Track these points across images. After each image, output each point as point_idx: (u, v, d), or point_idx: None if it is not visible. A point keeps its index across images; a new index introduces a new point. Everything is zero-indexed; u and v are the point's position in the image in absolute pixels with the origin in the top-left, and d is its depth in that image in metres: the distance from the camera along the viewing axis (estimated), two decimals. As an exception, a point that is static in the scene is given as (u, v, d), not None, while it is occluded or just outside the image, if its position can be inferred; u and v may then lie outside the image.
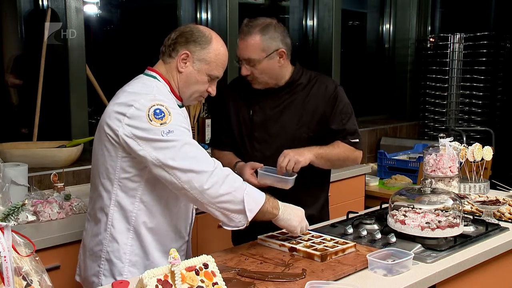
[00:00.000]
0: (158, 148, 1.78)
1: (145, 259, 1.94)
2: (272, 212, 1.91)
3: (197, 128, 3.74)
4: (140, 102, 1.82)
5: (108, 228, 1.92)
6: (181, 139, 1.81)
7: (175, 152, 1.78)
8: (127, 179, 1.89)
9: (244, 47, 2.29)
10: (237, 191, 1.81)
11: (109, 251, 1.92)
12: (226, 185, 1.80)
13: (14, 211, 1.35)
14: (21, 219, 1.52)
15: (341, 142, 2.37)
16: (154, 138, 1.78)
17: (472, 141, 3.54)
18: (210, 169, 1.79)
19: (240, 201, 1.81)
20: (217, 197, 1.79)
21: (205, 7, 4.14)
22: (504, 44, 5.33)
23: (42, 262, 1.44)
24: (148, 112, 1.79)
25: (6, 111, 3.42)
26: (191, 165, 1.78)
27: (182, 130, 1.84)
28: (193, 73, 1.96)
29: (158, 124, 1.78)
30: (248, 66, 2.30)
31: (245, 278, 1.72)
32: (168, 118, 1.80)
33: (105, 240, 1.93)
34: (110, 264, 1.93)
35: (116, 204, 1.91)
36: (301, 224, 1.98)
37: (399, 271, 1.80)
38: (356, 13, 5.65)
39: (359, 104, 5.19)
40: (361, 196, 4.00)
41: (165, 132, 1.78)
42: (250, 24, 2.28)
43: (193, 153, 1.81)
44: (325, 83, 2.40)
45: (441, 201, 2.16)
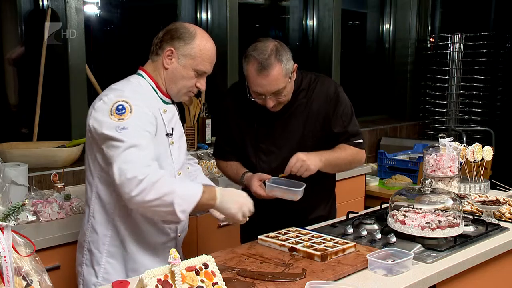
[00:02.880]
0: (110, 146, 1.84)
1: (123, 250, 1.99)
2: (209, 203, 1.91)
3: (197, 128, 3.74)
4: (108, 97, 1.89)
5: (90, 220, 2.00)
6: (129, 140, 1.82)
7: (118, 153, 1.81)
8: (102, 171, 1.94)
9: (268, 82, 2.13)
10: (166, 196, 1.80)
11: (89, 241, 2.00)
12: (153, 192, 1.78)
13: (14, 211, 1.35)
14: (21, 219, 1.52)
15: (346, 145, 2.35)
16: (109, 135, 1.83)
17: (472, 141, 3.55)
18: (140, 177, 1.78)
19: (169, 204, 1.81)
20: (145, 203, 1.80)
21: (205, 7, 4.14)
22: (504, 44, 5.33)
23: (42, 262, 1.45)
24: (112, 106, 1.86)
25: (6, 111, 3.42)
26: (125, 170, 1.79)
27: (138, 130, 1.85)
28: (178, 69, 1.99)
29: (116, 119, 1.84)
30: (274, 97, 2.19)
31: (245, 278, 1.72)
32: (128, 115, 1.84)
33: (87, 231, 2.01)
34: (90, 254, 2.00)
35: (97, 196, 1.97)
36: (242, 209, 1.95)
37: (399, 271, 1.80)
38: (356, 13, 5.65)
39: (359, 104, 5.18)
40: (361, 196, 4.00)
41: (119, 127, 1.82)
42: (261, 56, 2.11)
43: (133, 157, 1.81)
44: (325, 85, 2.36)
45: (441, 201, 2.16)
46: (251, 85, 2.18)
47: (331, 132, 2.34)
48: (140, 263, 1.99)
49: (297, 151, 2.29)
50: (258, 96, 2.19)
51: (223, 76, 4.04)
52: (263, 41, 2.18)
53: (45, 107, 3.23)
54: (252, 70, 2.13)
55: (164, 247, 2.05)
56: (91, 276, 1.99)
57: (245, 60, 2.17)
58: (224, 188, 2.00)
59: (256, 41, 2.20)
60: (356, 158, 2.39)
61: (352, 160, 2.37)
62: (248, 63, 2.15)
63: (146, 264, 1.98)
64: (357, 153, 2.37)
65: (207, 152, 3.56)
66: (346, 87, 2.48)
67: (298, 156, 2.19)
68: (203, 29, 2.07)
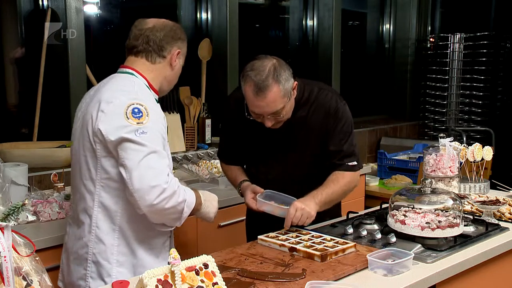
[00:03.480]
0: (128, 149, 1.80)
1: (132, 257, 1.95)
2: (197, 208, 2.00)
3: (197, 128, 3.74)
4: (120, 99, 1.85)
5: (92, 230, 1.92)
6: (150, 145, 1.81)
7: (139, 159, 1.79)
8: (109, 179, 1.89)
9: (265, 104, 2.06)
10: (179, 204, 1.87)
11: (95, 253, 1.92)
12: (172, 201, 1.83)
13: (14, 211, 1.35)
14: (21, 219, 1.51)
15: (339, 173, 2.24)
16: (128, 138, 1.80)
17: (472, 141, 3.55)
18: (164, 186, 1.80)
19: (180, 211, 1.89)
20: (164, 210, 1.83)
21: (205, 7, 4.14)
22: (504, 44, 5.32)
23: (42, 262, 1.44)
24: (126, 110, 1.82)
25: (6, 111, 3.42)
26: (147, 177, 1.79)
27: (156, 135, 1.85)
28: (179, 67, 2.07)
29: (135, 122, 1.81)
30: (272, 117, 2.12)
31: (245, 278, 1.72)
32: (146, 118, 1.83)
33: (90, 242, 1.92)
34: (97, 266, 1.92)
35: (100, 205, 1.91)
36: (215, 212, 2.10)
37: (399, 271, 1.80)
38: (356, 13, 5.65)
39: (359, 104, 5.20)
40: (361, 196, 3.99)
41: (139, 131, 1.80)
42: (258, 77, 2.03)
43: (155, 164, 1.81)
44: (327, 99, 2.26)
45: (441, 201, 2.16)
46: (249, 105, 2.12)
47: (326, 149, 2.26)
48: (147, 265, 1.96)
49: (294, 166, 2.28)
50: (257, 116, 2.14)
51: (223, 76, 4.04)
52: (261, 59, 2.09)
53: (45, 107, 3.23)
54: (249, 91, 2.06)
55: (163, 246, 2.06)
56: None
57: (243, 80, 2.09)
58: (202, 192, 2.07)
59: (254, 58, 2.12)
60: (350, 186, 2.30)
61: (346, 189, 2.29)
62: (245, 83, 2.07)
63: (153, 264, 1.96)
64: (351, 179, 2.27)
65: (207, 152, 3.56)
66: (346, 87, 2.47)
67: (296, 205, 2.11)
68: None
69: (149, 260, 1.98)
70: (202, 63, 3.82)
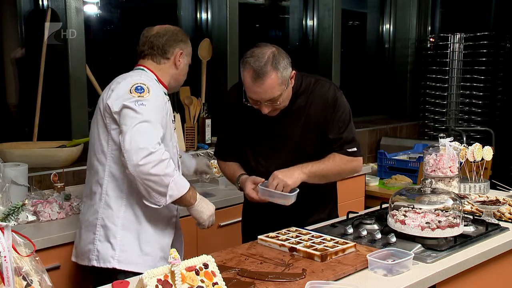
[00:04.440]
0: (126, 116, 2.01)
1: (137, 224, 2.13)
2: (190, 201, 2.12)
3: (197, 128, 3.74)
4: (127, 80, 2.11)
5: (103, 197, 2.13)
6: (146, 115, 2.00)
7: (133, 124, 1.98)
8: (118, 150, 2.08)
9: (262, 90, 2.10)
10: (166, 176, 1.99)
11: (103, 217, 2.12)
12: (158, 168, 1.96)
13: (14, 211, 1.35)
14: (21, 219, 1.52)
15: (337, 154, 2.28)
16: (128, 105, 2.01)
17: (472, 141, 3.55)
18: (152, 149, 1.95)
19: (165, 186, 2.00)
20: (147, 175, 1.96)
21: (205, 7, 4.14)
22: (504, 44, 5.33)
23: (42, 262, 1.45)
24: (131, 87, 2.06)
25: (6, 111, 3.42)
26: (137, 139, 1.96)
27: (154, 109, 2.05)
28: (184, 66, 2.28)
29: (136, 96, 2.03)
30: (269, 104, 2.16)
31: (245, 278, 1.72)
32: (147, 94, 2.05)
33: (100, 208, 2.13)
34: (105, 229, 2.12)
35: (110, 175, 2.12)
36: (210, 219, 2.21)
37: (399, 271, 1.80)
38: (356, 13, 5.65)
39: (359, 104, 5.20)
40: (361, 196, 4.00)
41: (138, 102, 2.01)
42: (257, 64, 2.08)
43: (145, 130, 1.99)
44: (324, 89, 2.30)
45: (441, 201, 2.16)
46: (247, 91, 2.16)
47: (326, 138, 2.29)
48: (151, 235, 2.16)
49: (294, 156, 2.28)
50: (254, 102, 2.17)
51: (223, 76, 4.05)
52: (260, 46, 2.14)
53: (45, 107, 3.23)
54: (248, 77, 2.11)
55: (169, 223, 2.24)
56: (108, 250, 2.10)
57: (242, 66, 2.14)
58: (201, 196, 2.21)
59: (255, 46, 2.16)
60: (346, 169, 2.32)
61: (341, 170, 2.31)
62: (244, 69, 2.13)
63: (157, 237, 2.17)
64: (348, 162, 2.30)
65: (207, 152, 3.56)
66: (346, 87, 2.47)
67: (274, 174, 2.18)
68: None
69: (152, 231, 2.16)
70: (202, 63, 3.82)
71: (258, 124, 2.31)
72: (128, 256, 2.10)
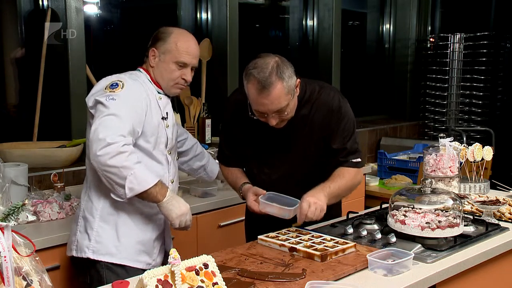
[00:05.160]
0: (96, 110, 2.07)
1: (116, 216, 2.17)
2: (156, 197, 2.07)
3: (197, 128, 3.74)
4: (108, 78, 2.16)
5: (87, 191, 2.22)
6: (113, 108, 2.03)
7: (99, 115, 2.03)
8: None
9: (269, 101, 2.04)
10: (124, 169, 1.99)
11: (84, 209, 2.20)
12: (115, 160, 1.97)
13: (14, 211, 1.35)
14: (21, 219, 1.51)
15: (344, 168, 2.25)
16: (99, 100, 2.06)
17: (472, 141, 3.55)
18: (109, 141, 1.97)
19: (123, 178, 1.99)
20: (104, 166, 1.98)
21: (205, 7, 4.14)
22: (504, 44, 5.33)
23: (42, 262, 1.45)
24: (107, 84, 2.11)
25: (6, 111, 3.42)
26: (98, 131, 1.99)
27: (124, 103, 2.06)
28: (161, 65, 2.23)
29: (108, 91, 2.08)
30: (277, 115, 2.11)
31: (245, 278, 1.72)
32: (119, 90, 2.08)
33: (83, 201, 2.22)
34: (85, 221, 2.19)
35: (91, 169, 2.16)
36: (180, 218, 2.12)
37: (399, 271, 1.80)
38: (356, 13, 5.65)
39: (359, 104, 5.19)
40: (361, 196, 3.99)
41: (109, 97, 2.05)
42: (261, 75, 2.03)
43: (110, 123, 2.01)
44: (329, 97, 2.26)
45: (441, 201, 2.16)
46: (252, 104, 2.11)
47: (329, 147, 2.26)
48: (131, 229, 2.19)
49: (298, 165, 2.26)
50: (261, 114, 2.12)
51: (223, 76, 4.04)
52: (263, 57, 2.08)
53: (45, 107, 3.23)
54: (253, 89, 2.05)
55: (154, 218, 2.25)
56: (84, 240, 2.17)
57: (246, 78, 2.08)
58: (174, 194, 2.17)
59: (257, 57, 2.11)
60: (356, 181, 2.31)
61: (352, 185, 2.29)
62: (248, 82, 2.07)
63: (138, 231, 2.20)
64: (355, 175, 2.28)
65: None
66: (346, 87, 2.47)
67: (309, 200, 2.10)
68: (184, 30, 2.32)
69: (132, 224, 2.19)
70: (202, 63, 3.82)
71: (261, 132, 2.26)
72: (102, 247, 2.15)
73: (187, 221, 2.16)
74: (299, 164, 2.28)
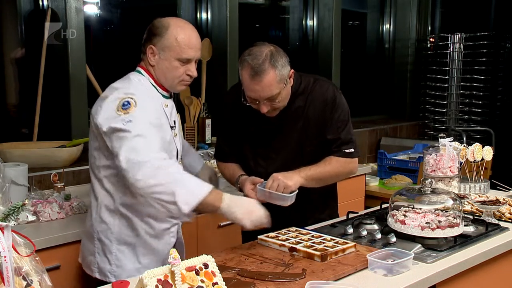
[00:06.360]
0: (116, 138, 1.93)
1: (134, 237, 2.08)
2: (214, 204, 1.90)
3: (197, 128, 3.74)
4: (114, 95, 2.00)
5: (98, 210, 2.09)
6: (135, 130, 1.91)
7: (124, 143, 1.90)
8: (107, 166, 2.04)
9: (260, 88, 2.10)
10: (170, 183, 1.85)
11: (99, 232, 2.09)
12: (157, 177, 1.85)
13: (14, 211, 1.35)
14: (21, 219, 1.52)
15: (334, 157, 2.28)
16: (116, 127, 1.92)
17: (472, 141, 3.55)
18: (142, 161, 1.86)
19: (171, 193, 1.83)
20: (148, 188, 1.84)
21: (205, 7, 4.14)
22: (504, 44, 5.33)
23: (42, 262, 1.44)
24: (118, 104, 1.96)
25: (6, 111, 3.42)
26: (129, 157, 1.87)
27: (143, 122, 1.94)
28: (162, 63, 2.07)
29: (122, 113, 1.94)
30: (268, 103, 2.15)
31: (245, 278, 1.72)
32: (133, 109, 1.94)
33: (96, 221, 2.09)
34: (101, 244, 2.09)
35: (104, 188, 2.07)
36: (250, 217, 1.92)
37: (399, 271, 1.80)
38: (356, 13, 5.65)
39: (359, 104, 5.20)
40: (361, 196, 4.00)
41: (126, 120, 1.92)
42: (255, 62, 2.08)
43: (139, 145, 1.90)
44: (323, 89, 2.30)
45: (441, 201, 2.16)
46: (245, 90, 2.16)
47: (324, 138, 2.29)
48: (149, 247, 2.10)
49: (294, 157, 2.28)
50: (253, 101, 2.17)
51: (223, 76, 4.04)
52: (258, 45, 2.15)
53: (45, 107, 3.23)
54: (246, 75, 2.11)
55: (168, 231, 2.15)
56: (105, 264, 2.09)
57: (240, 65, 2.14)
58: (233, 195, 1.97)
59: (253, 45, 2.17)
60: (344, 171, 2.33)
61: (339, 172, 2.32)
62: (242, 68, 2.13)
63: (156, 248, 2.11)
64: (346, 164, 2.30)
65: (207, 152, 3.56)
66: (346, 87, 2.48)
67: (273, 176, 2.15)
68: (180, 18, 2.16)
69: (150, 242, 2.10)
70: (202, 63, 3.81)
71: (257, 125, 2.30)
72: (124, 271, 2.07)
73: (262, 220, 1.95)
74: (295, 156, 2.29)
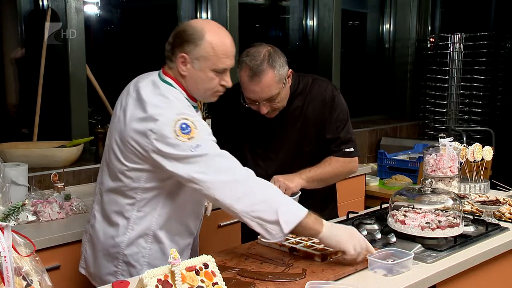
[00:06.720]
0: (188, 163, 1.75)
1: (164, 260, 1.91)
2: (314, 227, 1.77)
3: (197, 128, 3.73)
4: (165, 116, 1.77)
5: (128, 233, 1.91)
6: (211, 152, 1.77)
7: (206, 166, 1.75)
8: (150, 189, 1.88)
9: (260, 89, 2.09)
10: (272, 200, 1.75)
11: (127, 254, 1.92)
12: (259, 194, 1.75)
13: (14, 211, 1.35)
14: (21, 219, 1.51)
15: (333, 157, 2.29)
16: (183, 155, 1.74)
17: (472, 141, 3.55)
18: (243, 178, 1.77)
19: (274, 211, 1.72)
20: (251, 205, 1.73)
21: (205, 7, 4.14)
22: (504, 44, 5.33)
23: (42, 262, 1.44)
24: (174, 127, 1.75)
25: (6, 111, 3.42)
26: (223, 177, 1.75)
27: (210, 141, 1.81)
28: (196, 74, 1.88)
29: (186, 139, 1.75)
30: (268, 103, 2.15)
31: (245, 278, 1.72)
32: (195, 131, 1.76)
33: (123, 243, 1.92)
34: (128, 266, 1.93)
35: (138, 210, 1.90)
36: (353, 241, 1.79)
37: (399, 271, 1.80)
38: (356, 13, 5.65)
39: (359, 104, 5.20)
40: (361, 196, 3.99)
41: (193, 147, 1.74)
42: (253, 62, 2.08)
43: (225, 164, 1.78)
44: (322, 88, 2.31)
45: (441, 201, 2.16)
46: (244, 91, 2.16)
47: (323, 138, 2.30)
48: None
49: (293, 157, 2.28)
50: (252, 102, 2.17)
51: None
52: (256, 46, 2.15)
53: (45, 107, 3.23)
54: (245, 76, 2.10)
55: (189, 246, 2.08)
56: None
57: (239, 66, 2.13)
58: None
59: (250, 46, 2.17)
60: (344, 171, 2.33)
61: (339, 172, 2.32)
62: (241, 69, 2.12)
63: None
64: (346, 164, 2.31)
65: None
66: (346, 87, 2.48)
67: (274, 178, 2.14)
68: (212, 22, 1.97)
69: None
70: (202, 63, 3.81)
71: (256, 125, 2.30)
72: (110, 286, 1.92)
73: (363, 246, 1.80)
74: (294, 156, 2.29)
